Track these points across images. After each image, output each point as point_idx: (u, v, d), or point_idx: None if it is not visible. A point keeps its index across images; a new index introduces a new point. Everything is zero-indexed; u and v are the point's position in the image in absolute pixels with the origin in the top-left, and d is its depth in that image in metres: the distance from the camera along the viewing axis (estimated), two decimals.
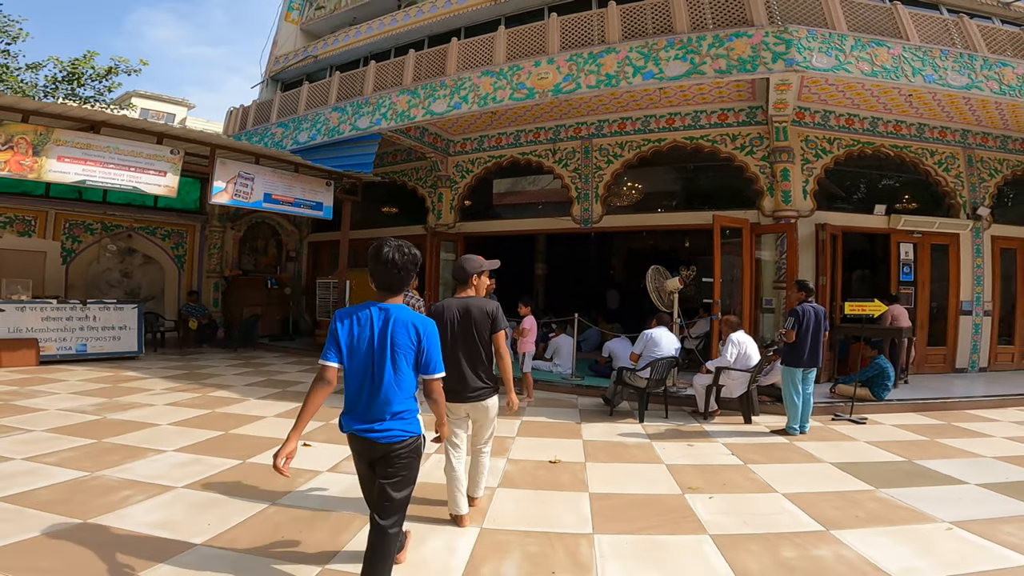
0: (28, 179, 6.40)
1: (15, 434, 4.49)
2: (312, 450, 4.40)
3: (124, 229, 10.93)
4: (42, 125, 6.42)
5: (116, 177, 6.80)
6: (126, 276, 11.08)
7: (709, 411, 6.14)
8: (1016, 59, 7.61)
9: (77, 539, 2.70)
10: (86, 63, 13.89)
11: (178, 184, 7.35)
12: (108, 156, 6.73)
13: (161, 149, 7.23)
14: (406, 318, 2.24)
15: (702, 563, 2.72)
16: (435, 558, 2.72)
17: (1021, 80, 7.46)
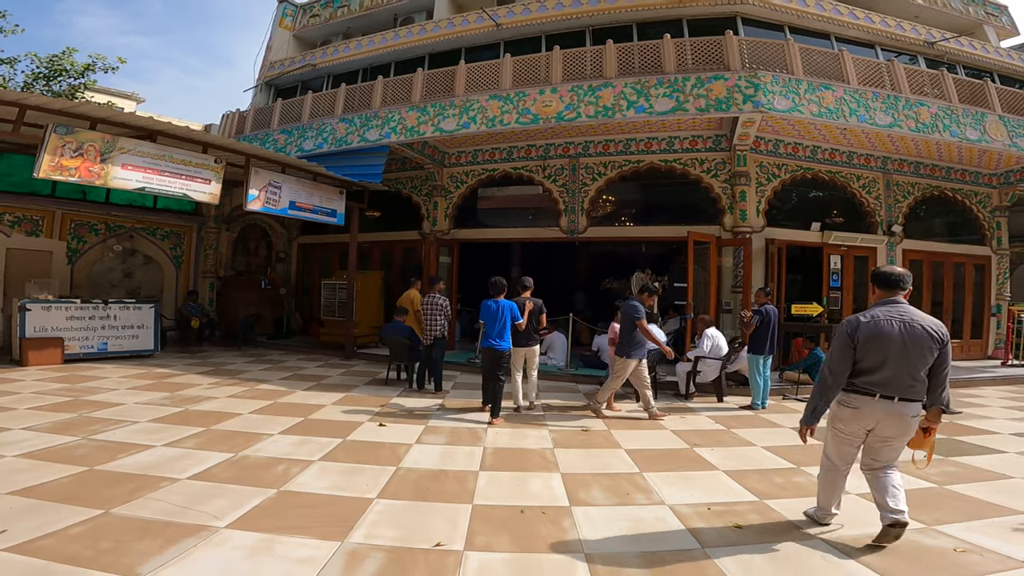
0: (95, 185, 6.86)
1: (123, 426, 5.07)
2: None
3: (127, 230, 11.25)
4: (108, 133, 6.94)
5: (171, 184, 7.38)
6: (127, 276, 11.39)
7: (689, 393, 7.51)
8: (931, 99, 9.35)
9: (310, 503, 3.65)
10: (65, 59, 13.84)
11: (220, 191, 7.98)
12: (164, 164, 7.31)
13: (207, 158, 7.84)
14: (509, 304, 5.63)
15: (724, 486, 3.98)
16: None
17: (933, 118, 9.19)
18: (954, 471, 4.34)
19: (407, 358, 7.76)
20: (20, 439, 4.44)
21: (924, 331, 2.90)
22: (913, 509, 3.15)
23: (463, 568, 2.69)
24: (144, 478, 3.67)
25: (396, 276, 12.25)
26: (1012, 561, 2.79)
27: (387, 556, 2.78)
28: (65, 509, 3.08)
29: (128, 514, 3.09)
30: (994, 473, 4.31)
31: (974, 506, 3.59)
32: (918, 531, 3.15)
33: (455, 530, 3.11)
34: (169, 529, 2.92)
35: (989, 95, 9.44)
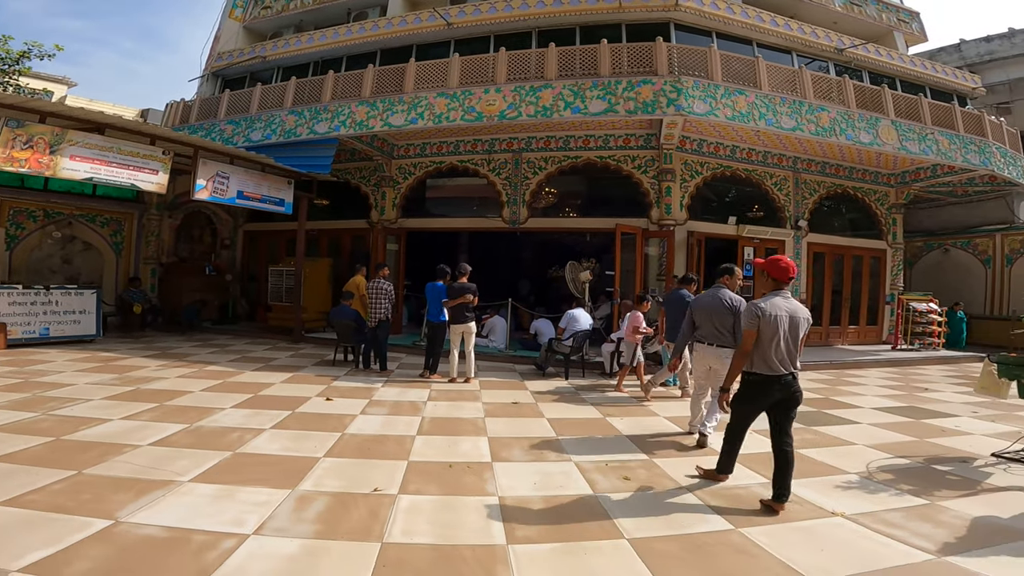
0: (45, 175, 6.97)
1: (78, 403, 5.35)
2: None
3: (65, 216, 11.08)
4: (58, 126, 7.03)
5: (118, 175, 7.52)
6: (67, 262, 11.23)
7: (613, 371, 8.32)
8: (832, 104, 10.37)
9: (258, 462, 4.14)
10: (0, 47, 13.19)
11: (167, 181, 8.14)
12: (112, 156, 7.43)
13: (155, 149, 7.98)
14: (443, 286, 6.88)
15: (623, 447, 4.73)
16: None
17: (832, 122, 10.21)
18: (810, 438, 5.21)
19: (353, 340, 8.23)
20: None
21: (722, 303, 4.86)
22: (765, 468, 3.98)
23: (396, 506, 3.30)
24: (109, 445, 4.07)
25: (345, 263, 12.57)
26: (822, 511, 3.50)
27: (332, 499, 3.35)
28: (43, 471, 3.47)
29: (100, 473, 3.52)
30: (841, 440, 5.18)
31: (813, 467, 4.36)
32: (762, 485, 3.84)
33: (391, 480, 3.71)
34: (139, 484, 3.38)
35: (885, 101, 10.59)
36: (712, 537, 3.05)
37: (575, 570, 2.67)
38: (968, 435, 5.45)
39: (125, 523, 2.85)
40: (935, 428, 5.70)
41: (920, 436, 5.33)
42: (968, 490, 3.88)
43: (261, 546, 2.72)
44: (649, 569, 2.68)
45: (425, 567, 2.63)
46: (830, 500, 3.64)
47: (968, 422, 6.01)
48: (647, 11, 11.23)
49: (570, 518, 3.25)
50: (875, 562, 2.80)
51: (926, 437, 5.32)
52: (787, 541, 3.01)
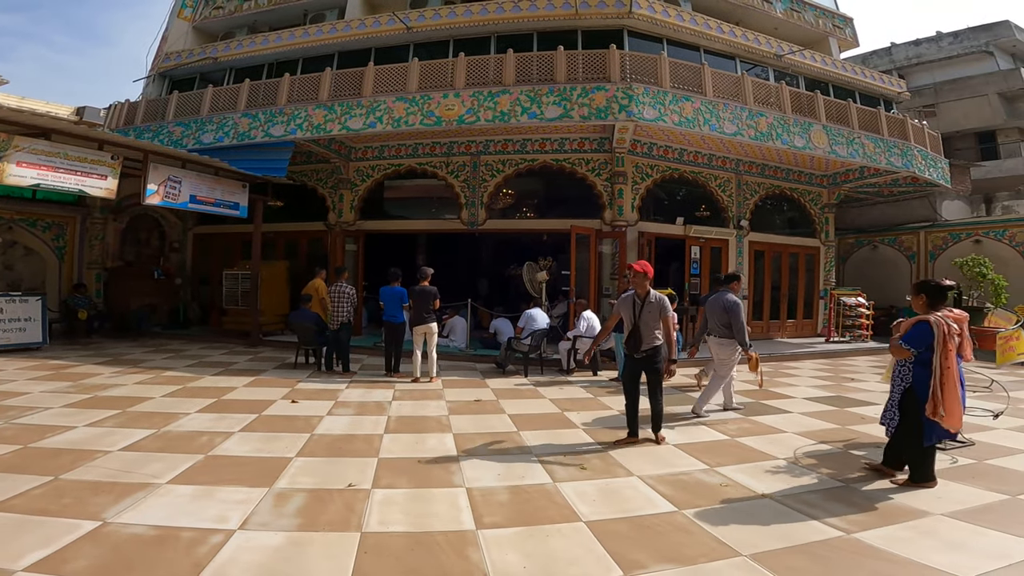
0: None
1: (38, 412, 5.30)
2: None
3: (5, 221, 10.62)
4: (3, 132, 6.79)
5: (66, 181, 7.33)
6: (8, 268, 10.77)
7: (570, 368, 8.71)
8: (770, 109, 11.02)
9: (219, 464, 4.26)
10: None
11: (116, 186, 7.98)
12: (59, 161, 7.24)
13: (103, 155, 7.80)
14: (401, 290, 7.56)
15: (580, 438, 5.08)
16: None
17: (769, 127, 10.88)
18: (747, 427, 5.67)
19: (315, 342, 8.31)
20: None
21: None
22: (706, 455, 4.50)
23: (370, 499, 3.52)
24: (78, 452, 4.11)
25: (302, 266, 12.49)
26: (750, 491, 3.89)
27: (308, 495, 3.55)
28: (18, 477, 3.52)
29: (76, 478, 3.59)
30: (774, 428, 5.64)
31: (748, 453, 4.78)
32: (703, 471, 4.27)
33: (364, 476, 3.92)
34: (118, 487, 3.48)
35: (817, 106, 11.39)
36: (659, 519, 3.39)
37: (539, 549, 2.97)
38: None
39: (113, 523, 2.97)
40: (856, 416, 6.27)
41: (843, 424, 5.88)
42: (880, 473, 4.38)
43: (248, 539, 2.90)
44: (603, 547, 3.01)
45: (403, 552, 2.87)
46: (758, 482, 4.06)
47: None
48: (602, 18, 11.63)
49: (532, 505, 3.55)
50: (793, 538, 3.16)
51: (848, 424, 5.86)
52: (722, 519, 3.38)
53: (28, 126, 7.20)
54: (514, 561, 2.82)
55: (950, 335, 3.77)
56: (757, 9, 13.52)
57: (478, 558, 2.84)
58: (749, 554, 2.95)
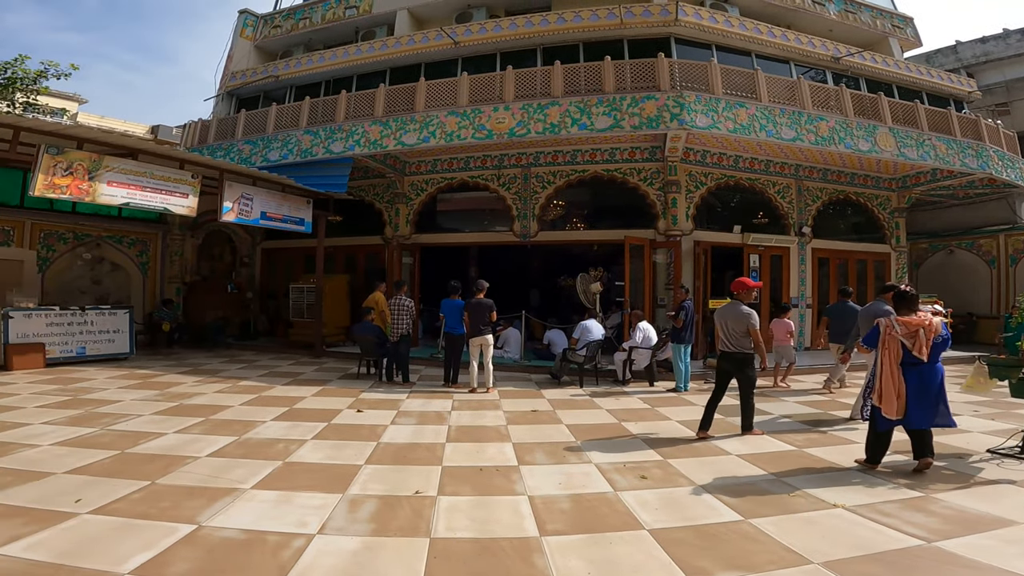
0: (84, 201, 7.40)
1: (131, 419, 5.75)
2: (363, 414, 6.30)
3: (93, 238, 11.59)
4: (95, 152, 7.46)
5: (152, 199, 7.97)
6: (96, 283, 11.73)
7: (625, 379, 8.66)
8: (830, 113, 10.73)
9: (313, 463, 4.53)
10: (17, 67, 13.61)
11: (197, 204, 8.60)
12: (146, 180, 7.88)
13: (184, 173, 8.44)
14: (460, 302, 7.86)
15: (639, 449, 5.08)
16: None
17: (831, 131, 10.58)
18: (815, 437, 5.62)
19: (376, 354, 8.62)
20: (45, 431, 5.11)
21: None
22: (771, 465, 4.42)
23: (437, 506, 3.66)
24: (170, 457, 4.46)
25: (360, 279, 12.99)
26: (821, 500, 3.92)
27: (379, 501, 3.72)
28: (118, 482, 3.86)
29: (171, 483, 3.90)
30: (844, 440, 5.56)
31: (816, 463, 4.83)
32: (768, 481, 4.31)
33: (429, 483, 4.07)
34: (208, 491, 3.76)
35: (882, 108, 10.94)
36: (723, 527, 3.39)
37: (602, 556, 3.01)
38: (967, 432, 5.73)
39: (207, 527, 3.21)
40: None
41: None
42: (961, 483, 4.20)
43: (327, 544, 3.08)
44: (667, 553, 3.03)
45: (470, 557, 2.98)
46: (832, 494, 3.96)
47: (968, 420, 6.28)
48: (648, 27, 11.63)
49: (594, 513, 3.60)
50: (870, 547, 3.13)
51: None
52: (791, 529, 3.35)
53: (116, 146, 7.85)
54: (578, 567, 2.88)
55: (890, 335, 4.41)
56: (809, 12, 13.15)
57: (543, 564, 2.91)
58: (821, 562, 2.92)
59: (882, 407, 4.41)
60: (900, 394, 4.35)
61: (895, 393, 4.35)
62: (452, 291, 8.15)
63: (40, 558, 2.76)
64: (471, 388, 7.68)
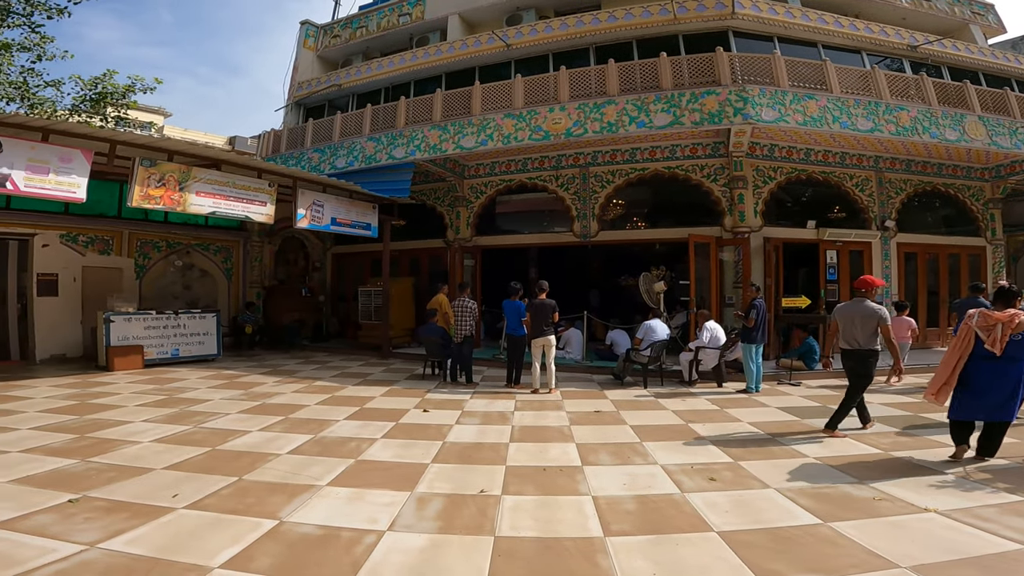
0: (176, 211, 8.04)
1: (219, 417, 6.22)
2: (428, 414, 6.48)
3: (184, 246, 12.55)
4: (184, 164, 8.07)
5: (235, 207, 8.55)
6: (187, 288, 12.69)
7: (692, 379, 8.45)
8: (911, 102, 10.09)
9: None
10: (107, 82, 14.38)
11: (274, 211, 9.15)
12: (229, 190, 8.48)
13: (262, 182, 9.01)
14: (520, 303, 7.86)
15: (707, 451, 4.94)
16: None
17: (913, 121, 9.97)
18: (905, 441, 5.24)
19: (440, 355, 8.84)
20: (145, 429, 5.60)
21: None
22: (854, 469, 4.27)
23: (501, 505, 3.73)
24: (255, 455, 4.78)
25: (424, 281, 13.34)
26: (911, 505, 3.71)
27: (446, 499, 3.83)
28: (210, 478, 4.17)
29: (256, 479, 4.18)
30: (936, 443, 5.21)
31: (907, 468, 4.53)
32: (851, 485, 4.11)
33: (493, 483, 4.15)
34: (288, 488, 4.00)
35: (969, 96, 10.14)
36: (799, 530, 3.28)
37: (668, 557, 2.98)
38: None
39: (287, 522, 3.42)
40: None
41: (1021, 438, 5.17)
42: None
43: (396, 540, 3.20)
44: (737, 556, 2.96)
45: (534, 556, 3.03)
46: (923, 498, 3.75)
47: None
48: (703, 21, 11.33)
49: (660, 514, 3.56)
50: (965, 551, 2.94)
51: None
52: (875, 533, 3.20)
53: (202, 157, 8.45)
54: (643, 567, 2.87)
55: (967, 326, 4.49)
56: (877, 1, 12.35)
57: (607, 564, 2.91)
58: (909, 566, 2.79)
59: (927, 390, 4.72)
60: (949, 383, 4.54)
61: (942, 380, 4.57)
62: (513, 292, 8.21)
63: (140, 552, 2.99)
64: (533, 389, 7.74)
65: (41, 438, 5.18)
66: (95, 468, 4.35)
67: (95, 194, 9.22)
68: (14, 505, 3.57)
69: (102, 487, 3.93)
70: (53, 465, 4.39)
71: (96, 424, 5.74)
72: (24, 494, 3.77)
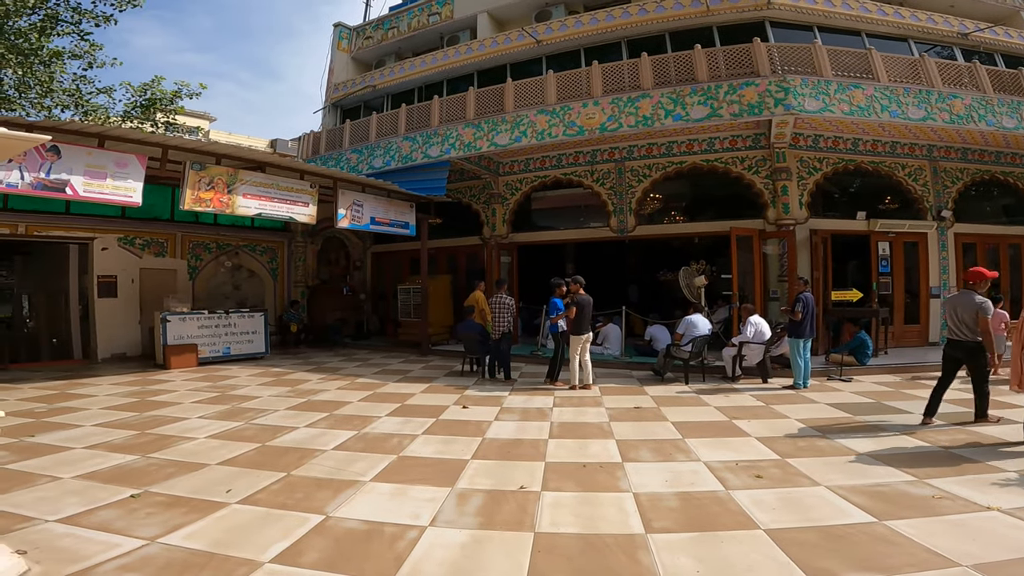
0: (225, 213, 8.36)
1: (269, 414, 6.49)
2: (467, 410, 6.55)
3: (232, 247, 13.03)
4: (231, 167, 8.37)
5: (279, 208, 8.84)
6: (236, 288, 13.19)
7: (735, 375, 8.26)
8: (964, 90, 9.61)
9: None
10: (156, 88, 14.82)
11: (316, 212, 9.41)
12: (274, 192, 8.77)
13: (304, 184, 9.28)
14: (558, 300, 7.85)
15: (753, 448, 4.83)
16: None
17: (968, 109, 9.49)
18: (962, 438, 5.00)
19: (479, 351, 8.92)
20: (200, 425, 5.86)
21: None
22: (909, 467, 4.10)
23: (541, 501, 3.74)
24: (302, 450, 4.94)
25: (461, 279, 13.46)
26: (972, 503, 3.54)
27: (486, 495, 3.87)
28: (260, 473, 4.33)
29: (303, 475, 4.31)
30: (999, 439, 4.96)
31: (967, 466, 4.32)
32: (908, 483, 3.93)
33: (533, 479, 4.16)
34: (334, 483, 4.12)
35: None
36: (851, 528, 3.18)
37: (712, 555, 2.93)
38: None
39: (333, 517, 3.52)
40: None
41: None
42: None
43: (437, 536, 3.26)
44: (785, 554, 2.89)
45: (574, 552, 3.03)
46: (985, 496, 3.59)
47: None
48: (737, 12, 11.07)
49: (703, 511, 3.51)
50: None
51: None
52: (933, 531, 3.09)
53: (247, 160, 8.74)
54: (686, 565, 2.84)
55: None
56: None
57: (649, 561, 2.89)
58: (970, 564, 2.68)
59: (1011, 382, 5.05)
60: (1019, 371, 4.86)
61: (1019, 370, 4.91)
62: (553, 288, 8.18)
63: (197, 547, 3.10)
64: (571, 385, 7.72)
65: (104, 435, 5.48)
66: (155, 464, 4.58)
67: (149, 198, 9.62)
68: (80, 500, 3.77)
69: (161, 482, 4.13)
70: (116, 461, 4.64)
71: (155, 421, 6.04)
72: (89, 489, 3.99)
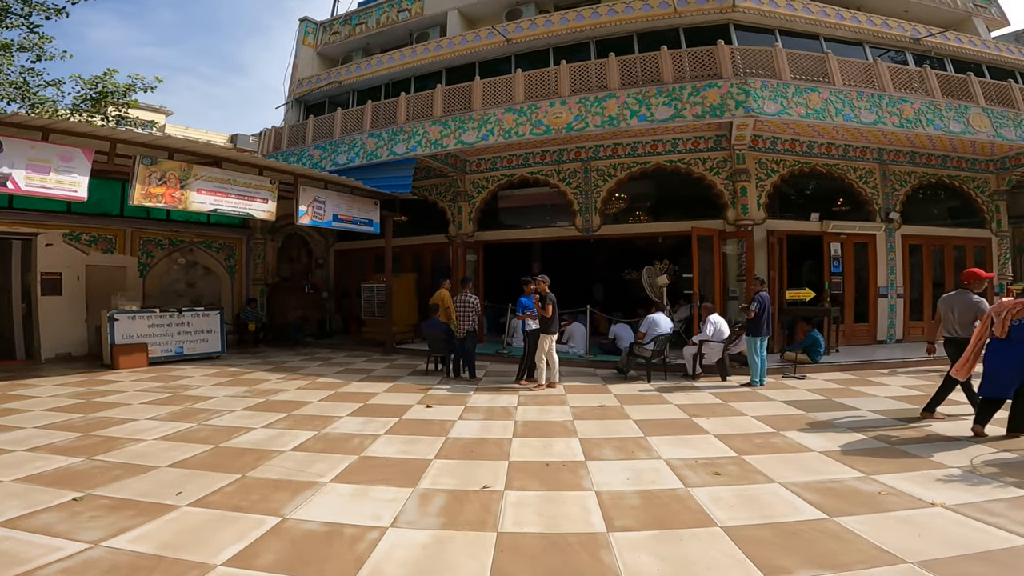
0: (178, 209, 8.03)
1: (224, 414, 6.27)
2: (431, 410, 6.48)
3: (187, 244, 12.56)
4: (184, 162, 8.06)
5: (236, 205, 8.54)
6: (191, 286, 12.72)
7: (695, 373, 8.42)
8: (914, 95, 10.03)
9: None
10: (108, 81, 14.20)
11: (275, 209, 9.15)
12: (230, 187, 8.46)
13: (263, 179, 8.99)
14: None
15: (711, 446, 4.93)
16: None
17: (916, 113, 9.92)
18: (910, 434, 5.22)
19: (444, 350, 8.84)
20: (150, 427, 5.61)
21: None
22: (862, 464, 4.20)
23: (504, 500, 3.72)
24: (259, 451, 4.79)
25: (427, 277, 13.34)
26: (917, 499, 3.71)
27: (449, 495, 3.83)
28: (214, 475, 4.17)
29: (260, 476, 4.18)
30: (943, 436, 5.19)
31: (913, 462, 4.51)
32: (857, 479, 4.08)
33: (496, 478, 4.14)
34: (292, 485, 4.00)
35: (973, 89, 10.09)
36: (805, 525, 3.26)
37: (673, 553, 2.97)
38: None
39: (291, 519, 3.42)
40: None
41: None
42: None
43: (399, 536, 3.20)
44: (742, 551, 2.95)
45: (537, 551, 3.02)
46: (930, 492, 3.73)
47: None
48: (704, 14, 11.30)
49: (664, 509, 3.55)
50: (974, 546, 2.93)
51: None
52: (881, 527, 3.18)
53: (202, 155, 8.43)
54: (647, 563, 2.86)
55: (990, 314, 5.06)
56: None
57: (611, 560, 2.91)
58: (916, 561, 2.78)
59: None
60: (970, 361, 5.17)
61: (965, 357, 5.19)
62: (523, 285, 8.18)
63: (144, 550, 2.98)
64: (536, 384, 7.73)
65: (46, 436, 5.20)
66: (100, 466, 4.37)
67: (97, 193, 9.22)
68: (20, 503, 3.58)
69: (107, 485, 3.94)
70: (58, 463, 4.41)
71: (101, 422, 5.76)
72: (30, 492, 3.78)
